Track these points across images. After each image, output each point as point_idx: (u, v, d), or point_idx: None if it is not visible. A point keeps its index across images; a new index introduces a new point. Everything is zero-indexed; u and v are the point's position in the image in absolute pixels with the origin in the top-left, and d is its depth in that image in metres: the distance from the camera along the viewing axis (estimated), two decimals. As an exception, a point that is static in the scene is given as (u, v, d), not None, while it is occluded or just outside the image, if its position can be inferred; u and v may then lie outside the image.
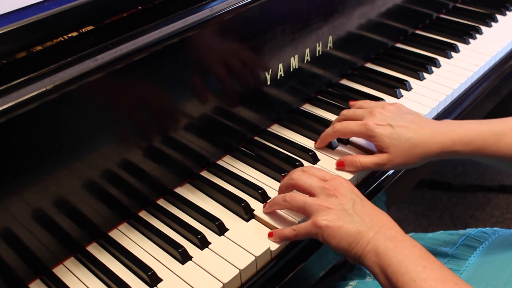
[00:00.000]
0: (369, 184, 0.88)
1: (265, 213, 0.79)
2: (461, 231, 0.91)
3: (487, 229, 0.90)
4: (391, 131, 0.80)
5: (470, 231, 0.90)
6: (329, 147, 0.91)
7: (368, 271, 0.88)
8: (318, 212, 0.70)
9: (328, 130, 0.88)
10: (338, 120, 0.89)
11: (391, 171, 0.91)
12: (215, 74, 0.83)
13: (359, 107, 0.89)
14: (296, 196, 0.73)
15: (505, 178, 1.86)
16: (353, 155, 0.85)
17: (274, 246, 0.75)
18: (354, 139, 0.92)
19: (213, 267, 0.72)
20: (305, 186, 0.74)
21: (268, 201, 0.79)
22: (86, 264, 0.74)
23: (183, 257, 0.73)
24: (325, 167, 0.88)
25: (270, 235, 0.76)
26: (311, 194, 0.73)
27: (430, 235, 0.94)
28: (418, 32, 1.29)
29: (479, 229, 0.90)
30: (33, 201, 0.67)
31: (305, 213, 0.72)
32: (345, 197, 0.71)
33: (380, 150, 0.82)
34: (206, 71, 0.82)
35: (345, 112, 0.89)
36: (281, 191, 0.79)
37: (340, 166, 0.85)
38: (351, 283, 0.86)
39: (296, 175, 0.76)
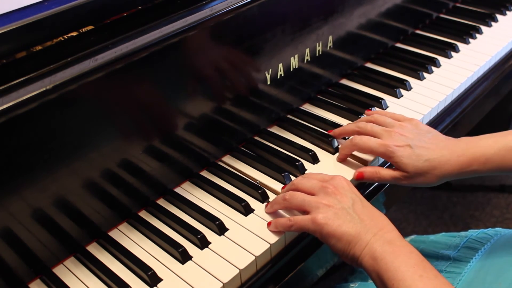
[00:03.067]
0: (369, 184, 0.88)
1: (267, 213, 0.79)
2: (463, 233, 0.91)
3: (489, 230, 0.89)
4: (410, 153, 0.79)
5: (471, 232, 0.89)
6: (329, 146, 0.91)
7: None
8: (318, 209, 0.70)
9: (347, 143, 0.86)
10: (353, 131, 0.88)
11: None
12: (215, 73, 0.83)
13: (374, 120, 0.87)
14: (296, 194, 0.74)
15: (505, 178, 1.86)
16: (373, 167, 0.84)
17: (274, 246, 0.75)
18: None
19: (213, 267, 0.72)
20: (304, 187, 0.74)
21: (269, 202, 0.80)
22: (86, 264, 0.74)
23: (183, 257, 0.73)
24: (325, 167, 0.88)
25: (268, 224, 0.76)
26: (311, 194, 0.73)
27: (432, 237, 0.94)
28: (418, 32, 1.29)
29: (480, 230, 0.90)
30: (33, 201, 0.67)
31: (304, 210, 0.72)
32: (345, 196, 0.71)
33: (398, 169, 0.81)
34: (206, 71, 0.82)
35: (363, 125, 0.86)
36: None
37: (360, 177, 0.84)
38: (352, 285, 0.86)
39: (296, 180, 0.77)
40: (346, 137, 0.92)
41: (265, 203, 0.80)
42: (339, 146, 0.89)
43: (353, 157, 0.89)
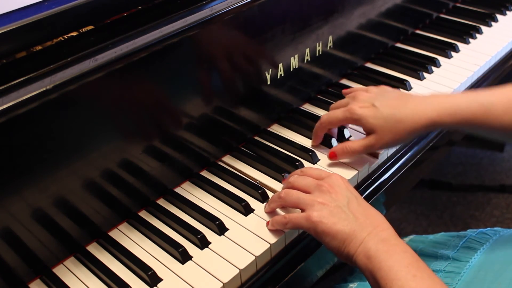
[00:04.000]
0: (369, 184, 0.88)
1: (266, 212, 0.79)
2: (462, 233, 0.90)
3: (488, 230, 0.89)
4: (375, 111, 0.80)
5: (470, 232, 0.89)
6: (329, 146, 0.91)
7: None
8: (312, 206, 0.70)
9: (316, 124, 0.88)
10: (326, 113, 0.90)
11: (390, 171, 0.91)
12: (215, 73, 0.83)
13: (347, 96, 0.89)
14: (290, 192, 0.74)
15: (505, 178, 1.86)
16: (342, 143, 0.86)
17: (274, 246, 0.75)
18: (353, 135, 0.92)
19: (213, 267, 0.72)
20: (300, 185, 0.74)
21: (267, 202, 0.80)
22: (86, 264, 0.74)
23: (183, 257, 0.73)
24: (325, 167, 0.88)
25: (267, 223, 0.77)
26: (306, 192, 0.73)
27: (431, 237, 0.94)
28: (418, 31, 1.29)
29: (479, 230, 0.89)
30: (33, 201, 0.67)
31: (300, 208, 0.72)
32: (340, 194, 0.70)
33: (368, 133, 0.82)
34: (206, 71, 0.82)
35: (332, 105, 0.90)
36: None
37: (333, 156, 0.85)
38: (351, 286, 0.86)
39: (292, 178, 0.77)
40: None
41: (265, 203, 0.80)
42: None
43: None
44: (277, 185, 0.84)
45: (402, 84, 1.07)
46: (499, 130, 0.79)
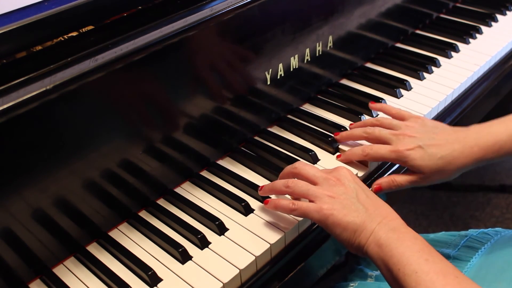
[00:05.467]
0: (369, 184, 0.88)
1: (261, 195, 0.79)
2: (463, 232, 0.91)
3: (489, 230, 0.89)
4: (422, 154, 0.79)
5: (471, 232, 0.89)
6: (329, 146, 0.91)
7: (369, 273, 0.88)
8: (322, 199, 0.70)
9: (357, 150, 0.85)
10: (359, 136, 0.87)
11: (390, 171, 0.91)
12: (215, 74, 0.83)
13: (380, 124, 0.87)
14: (299, 183, 0.74)
15: (505, 178, 1.86)
16: (389, 176, 0.83)
17: (274, 246, 0.75)
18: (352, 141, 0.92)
19: (213, 267, 0.72)
20: (308, 174, 0.74)
21: (265, 185, 0.79)
22: (86, 264, 0.74)
23: (183, 257, 0.73)
24: (325, 167, 0.88)
25: (265, 202, 0.76)
26: (313, 183, 0.73)
27: (431, 236, 0.94)
28: (418, 32, 1.29)
29: (480, 230, 0.90)
30: (33, 201, 0.67)
31: (307, 199, 0.72)
32: (348, 187, 0.71)
33: (414, 171, 0.81)
34: (206, 71, 0.82)
35: (370, 130, 0.86)
36: (281, 178, 0.79)
37: (378, 190, 0.83)
38: (352, 284, 0.86)
39: (299, 164, 0.77)
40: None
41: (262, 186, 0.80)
42: (346, 149, 0.89)
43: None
44: (277, 185, 0.84)
45: (402, 84, 1.07)
46: None
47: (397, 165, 0.90)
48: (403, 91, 1.07)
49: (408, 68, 1.13)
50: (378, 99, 1.03)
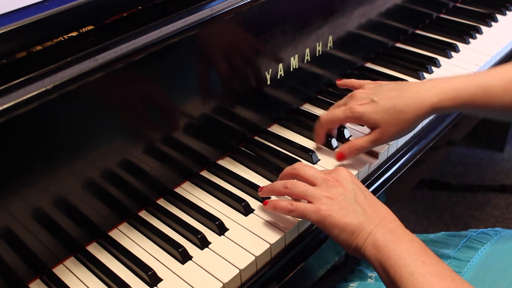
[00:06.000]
0: (369, 184, 0.88)
1: (261, 196, 0.79)
2: (463, 232, 0.91)
3: (489, 230, 0.89)
4: (375, 106, 0.80)
5: (471, 232, 0.89)
6: (329, 147, 0.91)
7: (369, 273, 0.88)
8: (321, 200, 0.70)
9: (316, 125, 0.88)
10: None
11: (390, 171, 0.91)
12: (215, 74, 0.83)
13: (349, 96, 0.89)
14: (298, 184, 0.74)
15: (505, 178, 1.86)
16: (348, 142, 0.85)
17: (274, 246, 0.75)
18: (353, 134, 0.92)
19: (213, 267, 0.72)
20: (307, 175, 0.74)
21: (264, 186, 0.79)
22: (86, 264, 0.74)
23: (183, 257, 0.73)
24: (325, 167, 0.88)
25: (265, 203, 0.76)
26: (312, 184, 0.73)
27: (431, 236, 0.94)
28: (418, 32, 1.29)
29: (480, 230, 0.90)
30: (33, 201, 0.67)
31: (306, 200, 0.72)
32: (347, 188, 0.71)
33: (372, 128, 0.82)
34: (206, 71, 0.82)
35: (331, 106, 0.89)
36: (281, 179, 0.79)
37: (341, 157, 0.84)
38: (351, 285, 0.86)
39: (299, 165, 0.77)
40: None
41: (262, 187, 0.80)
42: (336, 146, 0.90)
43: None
44: (277, 185, 0.84)
45: (402, 84, 1.07)
46: (499, 111, 0.80)
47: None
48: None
49: (408, 68, 1.13)
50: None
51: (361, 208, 0.69)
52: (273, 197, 0.80)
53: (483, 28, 1.28)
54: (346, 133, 0.93)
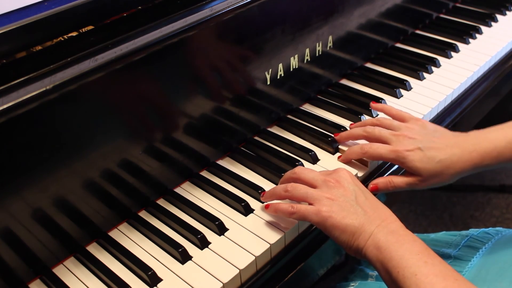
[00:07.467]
0: (367, 185, 0.88)
1: (264, 202, 0.79)
2: (464, 232, 0.91)
3: (490, 230, 0.89)
4: (421, 156, 0.79)
5: (472, 231, 0.89)
6: (329, 146, 0.91)
7: (370, 273, 0.88)
8: (321, 201, 0.70)
9: (356, 148, 0.84)
10: (359, 135, 0.87)
11: (390, 171, 0.91)
12: (215, 74, 0.83)
13: (380, 124, 0.86)
14: (298, 186, 0.74)
15: (505, 178, 1.86)
16: (386, 177, 0.83)
17: (274, 246, 0.75)
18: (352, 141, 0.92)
19: (213, 267, 0.72)
20: (307, 178, 0.74)
21: (267, 190, 0.79)
22: (86, 264, 0.74)
23: (183, 257, 0.73)
24: (325, 167, 0.88)
25: (266, 207, 0.77)
26: (313, 186, 0.73)
27: (432, 236, 0.94)
28: (418, 32, 1.29)
29: (481, 229, 0.90)
30: (33, 201, 0.67)
31: (307, 202, 0.72)
32: (347, 189, 0.71)
33: (412, 173, 0.81)
34: (206, 71, 0.82)
35: (370, 130, 0.85)
36: (282, 183, 0.79)
37: (374, 190, 0.83)
38: (352, 284, 0.86)
39: (298, 169, 0.77)
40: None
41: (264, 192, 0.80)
42: (345, 149, 0.88)
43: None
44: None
45: (402, 84, 1.07)
46: None
47: (396, 166, 0.90)
48: (403, 91, 1.07)
49: (408, 68, 1.13)
50: (378, 99, 1.03)
51: (362, 209, 0.69)
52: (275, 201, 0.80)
53: (483, 28, 1.28)
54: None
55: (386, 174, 0.90)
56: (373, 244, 0.66)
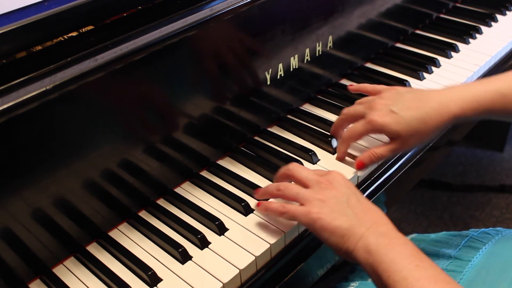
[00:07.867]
0: (369, 184, 0.88)
1: (256, 199, 0.79)
2: (464, 232, 0.90)
3: (490, 230, 0.89)
4: (395, 117, 0.79)
5: (472, 232, 0.89)
6: (329, 146, 0.91)
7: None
8: (312, 202, 0.70)
9: (338, 142, 0.86)
10: (341, 120, 0.89)
11: (390, 171, 0.91)
12: (215, 74, 0.83)
13: (359, 103, 0.88)
14: (290, 186, 0.74)
15: (505, 178, 1.86)
16: (368, 151, 0.84)
17: (274, 246, 0.75)
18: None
19: (213, 267, 0.72)
20: (300, 176, 0.74)
21: (260, 188, 0.79)
22: (86, 264, 0.74)
23: (183, 257, 0.73)
24: (325, 167, 0.88)
25: (257, 205, 0.77)
26: (305, 185, 0.73)
27: (432, 236, 0.94)
28: (418, 32, 1.29)
29: (481, 229, 0.89)
30: (33, 201, 0.67)
31: (298, 202, 0.72)
32: (339, 191, 0.71)
33: (392, 138, 0.81)
34: (206, 71, 0.82)
35: (345, 110, 0.88)
36: (276, 180, 0.79)
37: (361, 166, 0.83)
38: (352, 284, 0.86)
39: (293, 165, 0.77)
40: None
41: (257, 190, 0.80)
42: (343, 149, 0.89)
43: (352, 157, 0.88)
44: (277, 185, 0.84)
45: (402, 84, 1.07)
46: None
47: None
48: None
49: (408, 68, 1.13)
50: (378, 99, 1.03)
51: (352, 211, 0.68)
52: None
53: (483, 28, 1.28)
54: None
55: (386, 174, 0.90)
56: (363, 247, 0.64)
